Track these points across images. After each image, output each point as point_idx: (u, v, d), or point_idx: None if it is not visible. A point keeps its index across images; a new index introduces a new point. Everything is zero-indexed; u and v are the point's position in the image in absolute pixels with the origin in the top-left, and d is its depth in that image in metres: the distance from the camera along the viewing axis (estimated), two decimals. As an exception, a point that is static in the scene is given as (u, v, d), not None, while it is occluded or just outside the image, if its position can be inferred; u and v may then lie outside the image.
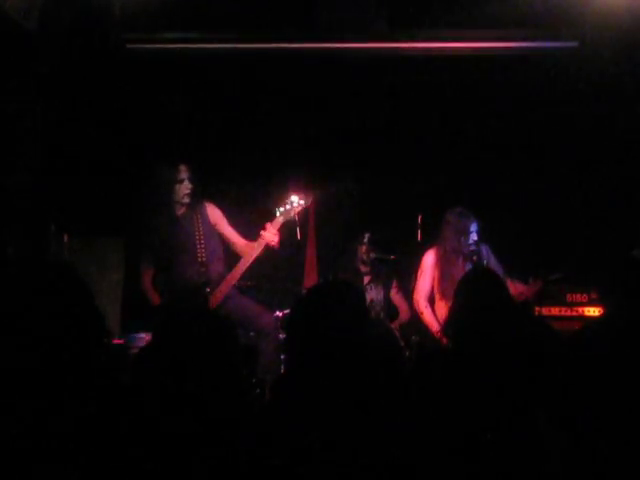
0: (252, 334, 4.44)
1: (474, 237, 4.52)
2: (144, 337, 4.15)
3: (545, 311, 4.87)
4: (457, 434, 2.08)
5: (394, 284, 5.52)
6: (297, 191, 4.39)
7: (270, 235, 4.27)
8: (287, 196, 4.36)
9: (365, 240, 5.45)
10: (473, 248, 4.49)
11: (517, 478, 2.07)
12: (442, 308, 4.47)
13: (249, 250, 4.32)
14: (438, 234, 4.67)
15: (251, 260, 4.30)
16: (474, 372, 2.19)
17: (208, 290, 4.24)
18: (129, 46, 4.94)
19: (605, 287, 2.41)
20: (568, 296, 4.97)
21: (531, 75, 5.20)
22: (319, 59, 5.30)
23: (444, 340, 4.38)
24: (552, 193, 5.59)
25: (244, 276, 4.43)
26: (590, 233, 5.40)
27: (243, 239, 4.41)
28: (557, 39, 4.94)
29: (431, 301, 4.67)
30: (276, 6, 4.87)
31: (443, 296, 4.51)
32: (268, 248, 4.31)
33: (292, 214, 4.34)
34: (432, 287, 4.66)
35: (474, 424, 2.09)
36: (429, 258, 4.68)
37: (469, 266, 4.48)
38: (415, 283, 4.75)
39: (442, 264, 4.58)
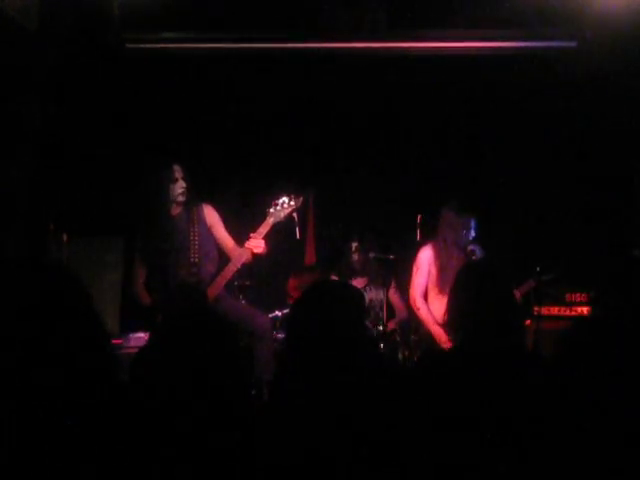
0: (246, 335, 4.43)
1: (472, 232, 4.54)
2: (143, 337, 4.15)
3: (545, 311, 4.86)
4: (457, 433, 2.08)
5: (392, 284, 5.51)
6: (288, 192, 4.39)
7: (255, 243, 4.26)
8: (278, 197, 4.36)
9: (353, 249, 5.42)
10: (472, 248, 4.50)
11: (517, 477, 2.07)
12: (440, 302, 4.45)
13: (237, 256, 4.31)
14: (436, 229, 4.69)
15: (238, 266, 4.30)
16: (474, 371, 2.19)
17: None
18: (129, 46, 4.94)
19: (603, 286, 2.41)
20: (568, 296, 4.97)
21: (530, 75, 5.21)
22: (319, 59, 5.30)
23: (444, 335, 4.40)
24: (550, 192, 5.59)
25: (243, 275, 4.43)
26: (585, 233, 5.41)
27: (234, 244, 4.39)
28: (556, 39, 4.95)
29: (425, 297, 4.71)
30: (276, 6, 4.87)
31: (442, 290, 4.51)
32: (255, 255, 4.32)
33: (282, 216, 4.33)
34: (427, 283, 4.68)
35: (474, 423, 2.09)
36: (425, 254, 4.69)
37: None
38: (411, 279, 4.76)
39: (441, 258, 4.59)
